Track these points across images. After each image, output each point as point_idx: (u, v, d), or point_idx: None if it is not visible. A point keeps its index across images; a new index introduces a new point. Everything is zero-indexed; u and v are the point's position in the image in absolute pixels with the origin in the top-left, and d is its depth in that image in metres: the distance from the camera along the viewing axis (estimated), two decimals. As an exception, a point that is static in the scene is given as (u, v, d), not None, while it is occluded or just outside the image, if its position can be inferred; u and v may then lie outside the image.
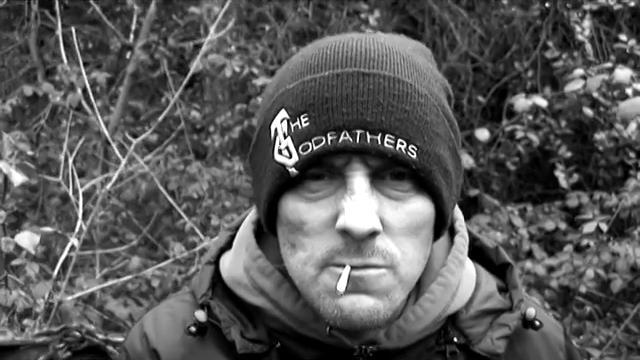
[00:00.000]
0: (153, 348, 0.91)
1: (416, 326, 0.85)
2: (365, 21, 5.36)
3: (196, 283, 0.95)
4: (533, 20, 6.03)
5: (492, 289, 0.93)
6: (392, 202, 0.77)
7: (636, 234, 4.57)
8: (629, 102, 2.57)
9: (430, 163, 0.76)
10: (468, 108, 6.08)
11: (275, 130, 0.77)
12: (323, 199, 0.77)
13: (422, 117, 0.76)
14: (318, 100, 0.74)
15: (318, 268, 0.77)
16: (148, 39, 4.25)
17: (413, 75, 0.77)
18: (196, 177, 4.26)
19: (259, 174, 0.83)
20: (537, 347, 0.95)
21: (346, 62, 0.75)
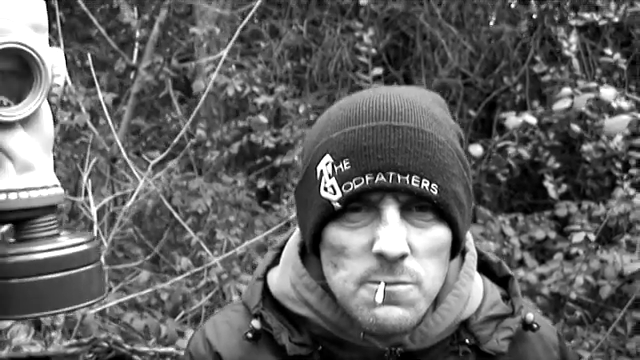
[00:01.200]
0: (216, 351, 1.08)
1: (435, 330, 1.02)
2: (359, 38, 5.51)
3: (248, 296, 1.11)
4: (521, 36, 6.18)
5: (497, 298, 1.10)
6: (417, 230, 0.93)
7: (623, 242, 4.72)
8: (614, 120, 2.73)
9: (448, 198, 0.92)
10: (459, 121, 6.22)
11: (321, 171, 0.94)
12: (361, 228, 0.93)
13: (441, 161, 0.92)
14: (357, 148, 0.91)
15: (357, 284, 0.93)
16: (153, 60, 4.39)
17: (433, 125, 0.93)
18: (199, 192, 4.40)
19: (305, 206, 1.00)
20: (535, 346, 1.11)
21: (379, 116, 0.92)
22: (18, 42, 0.71)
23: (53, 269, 0.73)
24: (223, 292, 3.73)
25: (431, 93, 1.03)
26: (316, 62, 6.30)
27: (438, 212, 0.93)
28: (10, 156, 0.73)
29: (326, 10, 6.32)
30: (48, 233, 0.76)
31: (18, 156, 0.73)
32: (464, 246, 1.07)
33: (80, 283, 0.76)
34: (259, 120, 4.66)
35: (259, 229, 4.78)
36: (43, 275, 0.73)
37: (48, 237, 0.76)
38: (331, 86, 6.26)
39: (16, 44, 0.71)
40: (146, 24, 4.70)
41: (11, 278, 0.73)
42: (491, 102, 6.25)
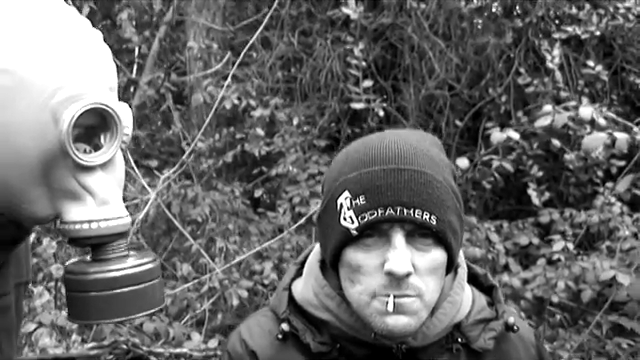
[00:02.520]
0: (251, 350, 1.28)
1: (433, 331, 1.23)
2: (350, 50, 5.68)
3: (276, 303, 1.31)
4: (506, 48, 6.34)
5: (483, 304, 1.31)
6: (420, 252, 1.13)
7: (604, 248, 4.91)
8: (592, 137, 2.93)
9: (445, 227, 1.13)
10: (446, 131, 6.38)
11: (341, 204, 1.15)
12: (374, 251, 1.14)
13: (439, 197, 1.13)
14: (371, 186, 1.12)
15: (370, 297, 1.14)
16: (154, 75, 4.56)
17: (432, 167, 1.14)
18: (198, 201, 4.58)
19: (327, 232, 1.20)
20: (516, 345, 1.32)
21: (388, 161, 1.13)
22: (102, 103, 0.91)
23: (124, 284, 0.95)
24: (224, 297, 3.92)
25: (429, 136, 1.24)
26: (307, 72, 6.45)
27: (437, 238, 1.14)
28: (91, 193, 0.93)
29: (317, 23, 6.46)
30: (119, 254, 0.97)
31: (97, 193, 0.93)
32: (458, 262, 1.29)
33: (145, 295, 0.97)
34: (256, 133, 4.85)
35: (254, 235, 4.96)
36: (116, 289, 0.95)
37: (119, 258, 0.96)
38: (322, 96, 6.41)
39: (100, 105, 0.91)
40: (147, 40, 4.87)
41: (90, 292, 0.94)
42: (477, 112, 6.42)
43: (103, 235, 0.95)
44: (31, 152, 0.90)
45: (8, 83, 0.87)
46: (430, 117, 6.54)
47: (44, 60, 0.89)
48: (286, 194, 5.37)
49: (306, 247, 4.83)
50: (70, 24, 0.93)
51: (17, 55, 0.88)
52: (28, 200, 0.93)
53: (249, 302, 4.29)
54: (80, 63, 0.91)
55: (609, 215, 4.82)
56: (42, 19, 0.91)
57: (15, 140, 0.89)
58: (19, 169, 0.90)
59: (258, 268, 4.41)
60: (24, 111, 0.88)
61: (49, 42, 0.90)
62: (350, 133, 6.42)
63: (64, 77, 0.90)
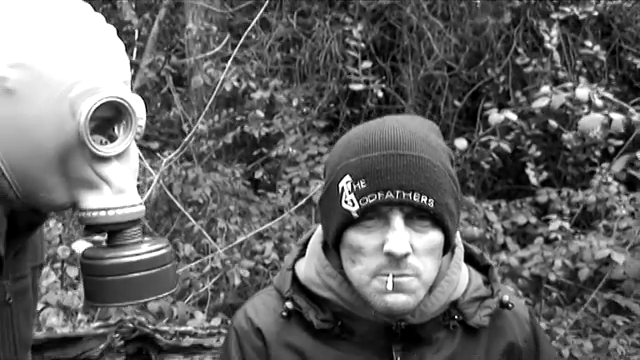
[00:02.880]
0: (257, 327, 1.33)
1: (431, 309, 1.27)
2: (349, 32, 5.70)
3: (280, 283, 1.36)
4: (505, 28, 6.35)
5: (479, 283, 1.35)
6: (418, 234, 1.17)
7: (601, 227, 4.96)
8: (589, 117, 2.97)
9: (441, 209, 1.17)
10: (445, 111, 6.41)
11: (342, 188, 1.19)
12: (374, 232, 1.18)
13: (436, 180, 1.17)
14: (372, 171, 1.16)
15: (370, 276, 1.18)
16: (154, 58, 4.60)
17: (429, 152, 1.18)
18: (199, 182, 4.64)
19: (329, 214, 1.24)
20: (510, 321, 1.36)
21: (388, 146, 1.17)
22: (117, 96, 0.96)
23: (138, 269, 1.01)
24: (226, 277, 3.99)
25: (428, 121, 1.28)
26: (306, 53, 6.46)
27: (434, 220, 1.18)
28: (107, 182, 0.99)
29: (315, 3, 6.47)
30: (134, 240, 1.03)
31: (113, 182, 0.99)
32: (455, 243, 1.33)
33: (159, 279, 1.02)
34: (256, 115, 4.89)
35: (255, 216, 5.01)
36: (131, 274, 1.01)
37: (134, 244, 1.02)
38: (320, 77, 6.43)
39: (116, 98, 0.96)
40: (147, 22, 4.89)
41: (107, 276, 1.01)
42: (476, 92, 6.44)
43: (119, 222, 1.00)
44: (49, 143, 0.95)
45: (27, 78, 0.92)
46: (429, 97, 6.57)
47: (61, 55, 0.94)
48: (286, 175, 5.42)
49: (306, 227, 4.91)
50: (85, 20, 0.97)
51: (35, 51, 0.93)
52: (46, 188, 0.99)
53: (250, 282, 4.35)
54: (96, 58, 0.96)
55: (606, 194, 4.86)
56: (58, 15, 0.96)
57: (34, 132, 0.94)
58: (38, 159, 0.95)
59: (259, 248, 4.46)
60: (42, 104, 0.93)
61: (66, 38, 0.95)
62: (349, 114, 6.45)
63: (81, 71, 0.95)
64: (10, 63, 0.92)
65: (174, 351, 2.49)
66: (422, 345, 1.28)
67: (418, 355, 1.28)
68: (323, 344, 1.29)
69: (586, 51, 5.83)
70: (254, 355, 1.32)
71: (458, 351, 1.30)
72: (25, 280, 1.17)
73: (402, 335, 1.27)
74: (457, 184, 1.24)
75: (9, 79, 0.92)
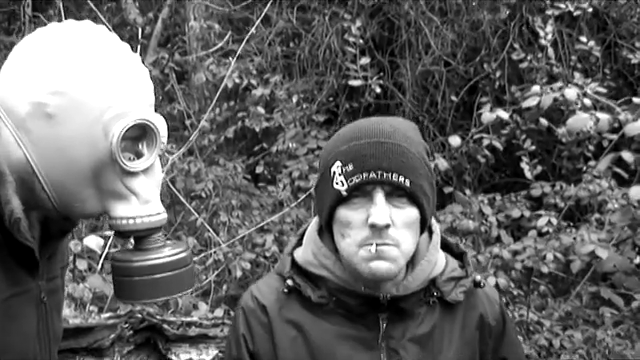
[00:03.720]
0: (262, 304, 1.51)
1: (413, 284, 1.46)
2: (348, 28, 5.81)
3: (281, 267, 1.55)
4: (501, 24, 6.44)
5: (455, 265, 1.54)
6: (397, 209, 1.37)
7: (593, 220, 5.07)
8: (575, 118, 3.09)
9: (417, 189, 1.37)
10: (442, 105, 6.52)
11: (333, 172, 1.38)
12: (360, 208, 1.37)
13: (412, 164, 1.37)
14: (358, 155, 1.36)
15: (358, 246, 1.37)
16: (158, 55, 4.71)
17: (407, 141, 1.39)
18: (201, 176, 4.76)
19: (322, 196, 1.44)
20: (482, 299, 1.57)
21: (372, 135, 1.38)
22: (145, 119, 1.10)
23: (162, 270, 1.15)
24: (229, 269, 4.13)
25: (408, 121, 1.50)
26: (305, 48, 6.56)
27: (411, 198, 1.38)
28: (135, 193, 1.13)
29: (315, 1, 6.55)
30: (158, 245, 1.17)
31: (140, 194, 1.13)
32: (432, 227, 1.53)
33: (180, 279, 1.17)
34: (257, 111, 5.01)
35: (255, 209, 5.14)
36: (156, 275, 1.15)
37: (158, 247, 1.16)
38: (320, 72, 6.53)
39: (146, 120, 1.10)
40: (150, 21, 5.00)
41: (134, 277, 1.14)
42: (472, 86, 6.56)
43: (145, 229, 1.15)
44: (84, 160, 1.09)
45: (65, 104, 1.06)
46: (426, 92, 6.68)
47: (95, 83, 1.07)
48: (286, 169, 5.54)
49: (305, 220, 5.03)
50: (114, 51, 1.11)
51: (72, 80, 1.06)
52: (80, 199, 1.12)
53: (252, 273, 4.48)
54: (125, 85, 1.10)
55: (598, 188, 4.95)
56: (91, 48, 1.09)
57: (71, 151, 1.07)
58: (74, 174, 1.09)
59: (260, 241, 4.60)
60: (78, 127, 1.07)
61: (98, 68, 1.08)
62: (348, 107, 6.56)
63: (112, 97, 1.08)
64: (50, 91, 1.06)
65: (181, 340, 2.60)
66: (406, 319, 1.47)
67: (403, 328, 1.46)
68: (319, 318, 1.47)
69: (581, 46, 5.93)
70: (260, 329, 1.49)
71: (437, 324, 1.49)
72: (57, 280, 1.30)
73: (388, 306, 1.45)
74: (432, 173, 1.45)
75: (49, 105, 1.06)
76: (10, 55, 1.12)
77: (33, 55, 1.10)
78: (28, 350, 1.18)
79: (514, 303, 4.53)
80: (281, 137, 5.76)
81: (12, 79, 1.10)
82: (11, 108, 1.09)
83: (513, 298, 4.56)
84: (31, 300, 1.19)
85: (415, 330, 1.47)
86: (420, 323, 1.48)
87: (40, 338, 1.22)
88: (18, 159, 1.09)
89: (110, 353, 2.50)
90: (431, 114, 6.64)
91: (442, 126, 6.60)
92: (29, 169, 1.10)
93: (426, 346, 1.47)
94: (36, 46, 1.11)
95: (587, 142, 5.59)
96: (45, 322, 1.23)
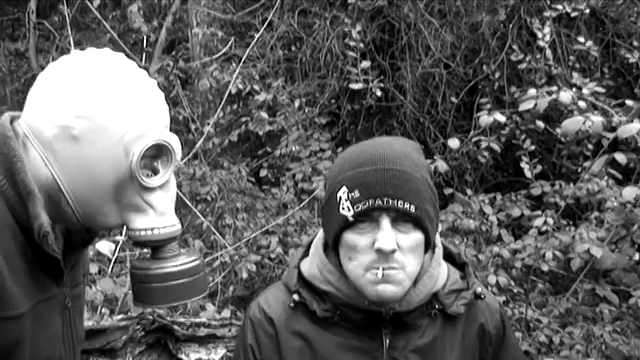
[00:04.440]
0: (269, 316, 1.58)
1: (415, 299, 1.51)
2: (349, 32, 5.89)
3: (288, 279, 1.61)
4: (499, 25, 6.50)
5: (456, 277, 1.59)
6: (402, 234, 1.41)
7: (592, 218, 5.14)
8: (569, 121, 3.18)
9: (422, 214, 1.41)
10: (442, 106, 6.58)
11: (339, 197, 1.43)
12: (366, 233, 1.41)
13: (417, 190, 1.41)
14: (363, 182, 1.40)
15: (364, 270, 1.42)
16: (163, 62, 4.81)
17: (412, 167, 1.42)
18: (206, 180, 4.86)
19: (329, 219, 1.49)
20: (483, 309, 1.62)
21: (377, 162, 1.41)
22: (163, 139, 1.21)
23: (177, 277, 1.26)
24: (235, 271, 4.22)
25: (410, 142, 1.53)
26: (307, 51, 6.64)
27: (415, 222, 1.42)
28: (152, 207, 1.23)
29: (316, 4, 6.62)
30: (173, 253, 1.27)
31: (157, 207, 1.23)
32: (435, 243, 1.56)
33: (194, 285, 1.27)
34: (261, 116, 5.11)
35: (260, 212, 5.23)
36: (171, 281, 1.25)
37: (173, 256, 1.27)
38: (322, 75, 6.60)
39: (162, 140, 1.21)
40: (155, 29, 5.10)
41: (152, 283, 1.24)
42: (472, 87, 6.62)
43: (161, 239, 1.25)
44: (107, 178, 1.19)
45: (89, 126, 1.17)
46: (427, 93, 6.73)
47: (116, 108, 1.18)
48: (289, 171, 5.63)
49: (309, 221, 5.11)
50: (133, 78, 1.22)
51: (95, 104, 1.17)
52: (102, 213, 1.23)
53: (257, 275, 4.57)
54: (143, 108, 1.21)
55: (596, 187, 5.02)
56: (112, 75, 1.20)
57: (94, 169, 1.18)
58: (97, 191, 1.20)
59: (265, 243, 4.69)
60: (101, 147, 1.17)
61: (119, 94, 1.19)
62: (350, 109, 6.64)
63: (132, 120, 1.19)
64: (76, 115, 1.16)
65: (190, 340, 2.71)
66: (408, 331, 1.53)
67: (405, 339, 1.53)
68: (324, 330, 1.53)
69: (579, 47, 5.99)
70: (267, 340, 1.56)
71: (439, 336, 1.55)
72: (79, 287, 1.41)
73: (391, 321, 1.51)
74: (435, 194, 1.48)
75: (75, 128, 1.16)
76: (36, 81, 1.23)
77: (58, 82, 1.20)
78: (54, 352, 1.29)
79: (514, 301, 4.60)
80: (284, 140, 5.85)
81: (39, 104, 1.20)
82: (39, 131, 1.19)
83: (513, 296, 4.64)
84: (57, 305, 1.29)
85: (417, 341, 1.53)
86: (422, 334, 1.54)
87: (65, 340, 1.32)
88: (46, 177, 1.20)
89: (122, 354, 2.61)
90: (432, 115, 6.71)
91: (443, 127, 6.67)
92: (55, 186, 1.20)
93: (427, 356, 1.53)
94: (61, 73, 1.21)
95: (586, 141, 5.66)
96: (69, 326, 1.34)
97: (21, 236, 1.18)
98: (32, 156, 1.20)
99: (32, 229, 1.17)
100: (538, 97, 3.47)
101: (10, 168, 1.16)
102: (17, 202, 1.17)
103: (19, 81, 8.90)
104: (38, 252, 1.20)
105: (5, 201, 1.16)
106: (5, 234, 1.15)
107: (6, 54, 9.20)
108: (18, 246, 1.17)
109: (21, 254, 1.18)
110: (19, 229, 1.18)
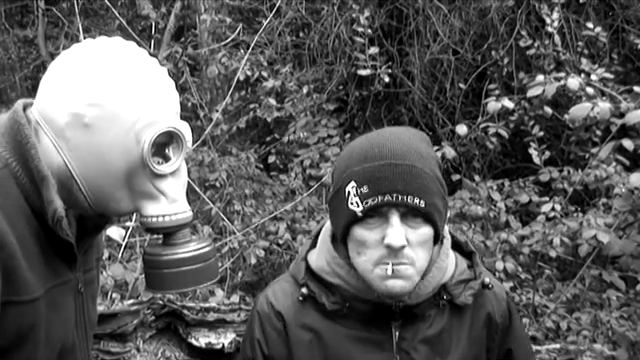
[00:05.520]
0: (277, 310, 1.57)
1: (424, 291, 1.51)
2: (357, 18, 5.88)
3: (295, 271, 1.60)
4: (508, 11, 6.49)
5: (464, 267, 1.59)
6: (412, 229, 1.40)
7: (600, 204, 5.14)
8: (578, 107, 3.18)
9: (431, 209, 1.40)
10: (451, 92, 6.59)
11: (348, 192, 1.42)
12: (375, 228, 1.41)
13: (426, 185, 1.39)
14: (372, 178, 1.39)
15: (373, 265, 1.42)
16: (171, 49, 4.83)
17: (420, 161, 1.40)
18: (215, 166, 4.89)
19: (337, 213, 1.48)
20: (490, 299, 1.62)
21: (385, 157, 1.40)
22: (173, 127, 1.22)
23: (189, 263, 1.28)
24: (243, 257, 4.25)
25: (420, 133, 1.51)
26: (314, 37, 6.64)
27: (425, 217, 1.41)
28: (164, 194, 1.25)
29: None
30: (184, 240, 1.29)
31: (168, 194, 1.25)
32: (443, 235, 1.55)
33: (205, 271, 1.29)
34: (268, 103, 5.13)
35: (268, 198, 5.25)
36: (183, 267, 1.27)
37: (185, 242, 1.29)
38: (329, 61, 6.61)
39: (173, 128, 1.23)
40: (164, 15, 5.12)
41: (164, 269, 1.26)
42: (481, 73, 6.62)
43: (173, 226, 1.27)
44: (118, 165, 1.21)
45: (100, 114, 1.18)
46: (435, 79, 6.73)
47: (127, 96, 1.20)
48: (297, 157, 5.64)
49: (317, 207, 5.13)
50: (144, 66, 1.23)
51: (107, 92, 1.19)
52: (114, 199, 1.25)
53: (266, 260, 4.60)
54: (154, 96, 1.22)
55: (604, 174, 5.01)
56: (123, 63, 1.22)
57: (106, 156, 1.20)
58: (108, 178, 1.22)
59: (273, 229, 4.71)
60: (113, 135, 1.19)
61: (130, 82, 1.20)
62: (358, 95, 6.64)
63: (143, 108, 1.21)
64: (88, 103, 1.18)
65: (200, 325, 2.72)
66: (417, 322, 1.53)
67: (414, 331, 1.53)
68: (334, 323, 1.53)
69: (588, 32, 5.97)
70: (274, 334, 1.56)
71: (447, 326, 1.55)
72: (92, 272, 1.43)
73: (400, 313, 1.51)
74: (444, 187, 1.47)
75: (86, 116, 1.18)
76: (48, 69, 1.25)
77: (70, 70, 1.22)
78: (68, 336, 1.31)
79: (522, 287, 4.62)
80: (292, 126, 5.86)
81: (51, 92, 1.22)
82: (51, 118, 1.21)
83: (521, 282, 4.65)
84: (70, 290, 1.31)
85: (425, 332, 1.52)
86: (430, 325, 1.53)
87: (78, 325, 1.35)
88: (58, 164, 1.22)
89: (133, 338, 2.63)
90: (440, 101, 6.71)
91: (451, 113, 6.67)
92: (68, 173, 1.22)
93: (436, 347, 1.53)
94: (73, 62, 1.23)
95: (594, 127, 5.65)
96: (82, 310, 1.36)
97: (35, 222, 1.20)
98: (44, 143, 1.22)
99: (46, 214, 1.19)
100: (546, 83, 3.46)
101: (24, 155, 1.18)
102: (31, 188, 1.19)
103: (28, 68, 8.94)
104: (52, 237, 1.22)
105: (19, 187, 1.18)
106: (19, 219, 1.17)
107: (15, 41, 9.24)
108: (32, 231, 1.19)
109: (35, 239, 1.20)
110: (33, 215, 1.20)
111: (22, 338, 1.18)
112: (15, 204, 1.17)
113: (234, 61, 5.01)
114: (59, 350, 1.28)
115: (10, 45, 9.15)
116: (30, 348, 1.20)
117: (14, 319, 1.16)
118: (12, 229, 1.14)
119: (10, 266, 1.13)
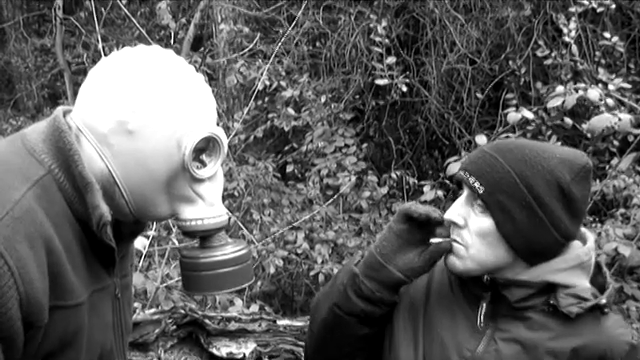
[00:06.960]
0: None
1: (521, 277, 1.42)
2: (374, 28, 5.89)
3: None
4: (525, 21, 6.49)
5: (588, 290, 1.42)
6: (474, 214, 1.41)
7: (618, 215, 5.11)
8: (597, 118, 3.17)
9: (490, 199, 1.38)
10: (468, 102, 6.58)
11: None
12: None
13: (497, 177, 1.38)
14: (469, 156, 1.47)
15: None
16: (190, 59, 4.85)
17: (516, 164, 1.38)
18: (233, 176, 4.90)
19: None
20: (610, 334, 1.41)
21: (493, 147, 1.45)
22: (213, 132, 1.24)
23: (225, 266, 1.28)
24: (262, 266, 4.25)
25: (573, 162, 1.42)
26: (332, 47, 6.66)
27: (486, 207, 1.39)
28: (202, 197, 1.26)
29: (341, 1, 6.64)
30: (221, 243, 1.30)
31: (206, 197, 1.26)
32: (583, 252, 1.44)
33: (241, 273, 1.30)
34: (288, 112, 5.14)
35: (286, 207, 5.26)
36: (220, 269, 1.28)
37: (222, 245, 1.30)
38: (346, 71, 6.62)
39: (212, 134, 1.24)
40: (183, 26, 5.16)
41: (201, 272, 1.27)
42: (498, 83, 6.61)
43: (210, 229, 1.28)
44: (160, 170, 1.22)
45: (144, 121, 1.22)
46: (452, 89, 6.73)
47: (169, 103, 1.22)
48: (314, 167, 5.65)
49: (334, 217, 5.12)
50: (184, 74, 1.25)
51: (150, 100, 1.22)
52: (154, 204, 1.26)
53: (284, 270, 4.60)
54: (194, 103, 1.24)
55: (623, 184, 4.99)
56: (165, 72, 1.25)
57: (149, 162, 1.22)
58: (150, 183, 1.23)
59: (291, 238, 4.72)
60: (155, 141, 1.21)
61: (172, 89, 1.23)
62: (374, 105, 6.65)
63: (184, 115, 1.23)
64: (132, 110, 1.19)
65: (221, 335, 2.73)
66: (518, 319, 1.43)
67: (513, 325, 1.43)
68: None
69: (605, 42, 5.96)
70: None
71: (549, 340, 1.39)
72: (128, 277, 1.44)
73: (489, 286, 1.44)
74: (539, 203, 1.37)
75: (131, 122, 1.20)
76: (88, 77, 1.26)
77: (112, 77, 1.23)
78: (107, 341, 1.33)
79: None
80: (309, 136, 5.87)
81: (94, 99, 1.24)
82: (93, 125, 1.22)
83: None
84: (108, 296, 1.33)
85: (523, 332, 1.40)
86: (530, 328, 1.40)
87: (115, 330, 1.36)
88: (100, 170, 1.23)
89: (154, 347, 2.64)
90: (457, 111, 6.70)
91: (468, 123, 6.66)
92: (111, 179, 1.24)
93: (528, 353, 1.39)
94: (114, 70, 1.24)
95: (612, 137, 5.63)
96: (119, 315, 1.37)
97: (78, 227, 1.21)
98: (86, 150, 1.23)
99: (90, 220, 1.20)
100: (566, 94, 3.46)
101: (66, 161, 1.19)
102: (73, 194, 1.20)
103: (45, 77, 9.00)
104: (93, 243, 1.24)
105: (62, 193, 1.19)
106: (64, 226, 1.18)
107: (32, 50, 9.32)
108: (76, 236, 1.21)
109: (78, 244, 1.21)
110: (75, 220, 1.21)
111: (66, 343, 1.19)
112: (59, 210, 1.18)
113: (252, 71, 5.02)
114: (99, 355, 1.29)
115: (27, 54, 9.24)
116: (73, 353, 1.22)
117: (60, 324, 1.17)
118: (58, 234, 1.16)
119: (57, 271, 1.15)
